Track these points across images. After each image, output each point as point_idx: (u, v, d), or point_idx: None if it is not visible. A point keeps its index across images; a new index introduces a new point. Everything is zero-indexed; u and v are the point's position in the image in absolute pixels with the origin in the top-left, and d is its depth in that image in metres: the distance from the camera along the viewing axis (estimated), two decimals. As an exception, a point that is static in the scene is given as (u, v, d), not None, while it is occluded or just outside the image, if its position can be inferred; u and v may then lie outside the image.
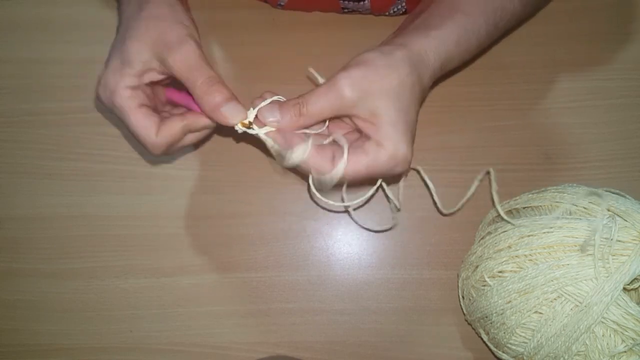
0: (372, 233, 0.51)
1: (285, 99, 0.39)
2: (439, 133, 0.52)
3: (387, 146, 0.37)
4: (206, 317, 0.49)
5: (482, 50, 0.44)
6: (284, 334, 0.49)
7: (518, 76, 0.53)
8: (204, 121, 0.40)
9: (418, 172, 0.46)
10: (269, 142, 0.38)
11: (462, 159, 0.52)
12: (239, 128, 0.38)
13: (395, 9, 0.53)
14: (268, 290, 0.50)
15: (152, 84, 0.40)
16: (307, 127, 0.39)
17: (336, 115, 0.38)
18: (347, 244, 0.51)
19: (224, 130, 0.40)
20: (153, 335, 0.49)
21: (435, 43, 0.39)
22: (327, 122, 0.40)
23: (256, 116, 0.38)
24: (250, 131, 0.38)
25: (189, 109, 0.41)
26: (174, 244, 0.50)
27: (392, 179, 0.44)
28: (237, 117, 0.37)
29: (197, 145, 0.52)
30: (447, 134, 0.52)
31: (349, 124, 0.40)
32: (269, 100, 0.38)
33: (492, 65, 0.53)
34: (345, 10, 0.54)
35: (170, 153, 0.41)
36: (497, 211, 0.47)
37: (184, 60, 0.37)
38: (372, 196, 0.43)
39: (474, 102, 0.53)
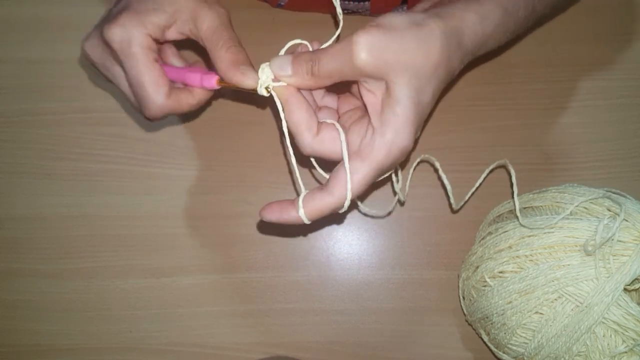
0: (372, 233, 0.51)
1: (303, 42, 0.37)
2: (439, 133, 0.52)
3: (386, 134, 0.33)
4: (206, 318, 0.49)
5: (513, 39, 0.40)
6: (284, 335, 0.49)
7: (518, 76, 0.53)
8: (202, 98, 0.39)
9: (431, 164, 0.44)
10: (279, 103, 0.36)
11: (462, 159, 0.51)
12: (261, 87, 0.35)
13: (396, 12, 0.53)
14: (268, 290, 0.50)
15: (159, 44, 0.37)
16: (317, 89, 0.37)
17: (347, 79, 0.34)
18: (347, 244, 0.51)
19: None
20: (153, 335, 0.49)
21: (474, 19, 0.34)
22: (337, 98, 0.39)
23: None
24: (262, 92, 0.36)
25: (185, 85, 0.39)
26: (174, 244, 0.50)
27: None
28: (253, 78, 0.35)
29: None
30: (447, 134, 0.52)
31: (357, 99, 0.38)
32: (286, 47, 0.37)
33: (492, 65, 0.53)
34: (346, 11, 0.53)
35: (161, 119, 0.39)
36: (504, 207, 0.47)
37: (217, 20, 0.35)
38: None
39: (474, 101, 0.53)
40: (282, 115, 0.35)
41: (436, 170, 0.44)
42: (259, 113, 0.53)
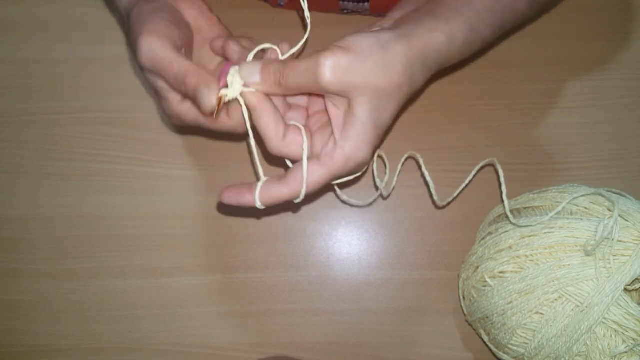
0: (372, 233, 0.51)
1: (273, 47, 0.38)
2: (439, 133, 0.52)
3: (345, 147, 0.35)
4: (206, 318, 0.49)
5: (481, 52, 0.42)
6: (283, 335, 0.49)
7: (518, 76, 0.53)
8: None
9: (416, 160, 0.44)
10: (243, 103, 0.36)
11: (462, 159, 0.51)
12: (226, 93, 0.36)
13: (395, 10, 0.53)
14: (268, 290, 0.50)
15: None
16: (285, 96, 0.39)
17: (313, 93, 0.37)
18: (347, 244, 0.51)
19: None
20: (152, 335, 0.49)
21: (440, 40, 0.36)
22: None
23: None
24: (228, 94, 0.36)
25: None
26: (174, 244, 0.50)
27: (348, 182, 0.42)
28: (210, 99, 0.35)
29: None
30: (447, 134, 0.52)
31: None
32: (254, 52, 0.38)
33: (492, 65, 0.53)
34: (345, 12, 0.53)
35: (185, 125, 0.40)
36: (503, 208, 0.47)
37: (147, 54, 0.35)
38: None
39: (474, 101, 0.53)
40: (247, 118, 0.37)
41: (420, 167, 0.44)
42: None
